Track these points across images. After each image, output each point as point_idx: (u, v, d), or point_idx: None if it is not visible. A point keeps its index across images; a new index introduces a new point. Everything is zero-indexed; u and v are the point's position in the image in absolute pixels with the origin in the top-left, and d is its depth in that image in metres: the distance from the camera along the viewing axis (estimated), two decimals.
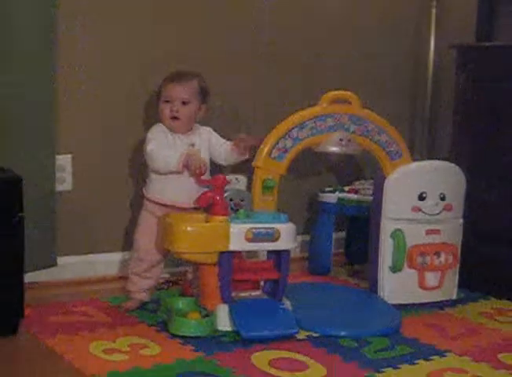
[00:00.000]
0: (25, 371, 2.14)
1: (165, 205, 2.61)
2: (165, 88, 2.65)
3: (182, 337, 2.38)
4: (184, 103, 2.62)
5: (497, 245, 3.02)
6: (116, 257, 3.06)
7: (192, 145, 2.65)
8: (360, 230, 3.26)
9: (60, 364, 2.17)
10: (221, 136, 2.75)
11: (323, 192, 3.31)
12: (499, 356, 2.36)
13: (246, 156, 2.67)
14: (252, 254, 2.71)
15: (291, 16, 3.42)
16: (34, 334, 2.38)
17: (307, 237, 3.36)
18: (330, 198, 3.27)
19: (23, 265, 2.37)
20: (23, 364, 2.19)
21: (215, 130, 2.76)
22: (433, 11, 3.66)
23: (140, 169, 2.86)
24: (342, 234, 3.51)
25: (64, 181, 2.94)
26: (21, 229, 2.34)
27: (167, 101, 2.63)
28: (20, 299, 2.37)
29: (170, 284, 2.93)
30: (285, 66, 3.41)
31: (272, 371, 2.16)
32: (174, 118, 2.62)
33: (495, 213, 3.03)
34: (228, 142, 2.68)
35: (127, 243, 2.98)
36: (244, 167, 2.84)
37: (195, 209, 2.59)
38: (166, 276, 2.98)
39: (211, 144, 2.70)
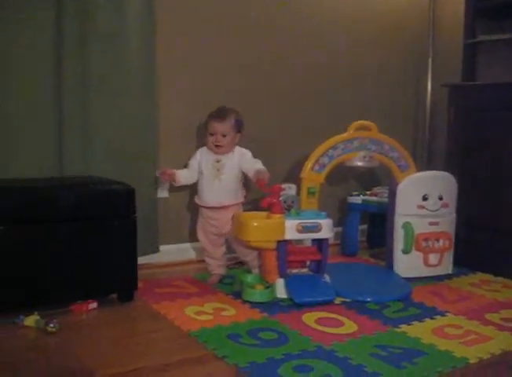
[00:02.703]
0: (139, 327, 2.20)
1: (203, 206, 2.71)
2: (209, 124, 2.67)
3: (251, 302, 2.40)
4: (223, 135, 2.64)
5: (481, 232, 2.98)
6: (199, 245, 3.08)
7: (218, 161, 2.67)
8: (378, 223, 3.25)
9: (164, 323, 2.21)
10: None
11: (351, 195, 3.30)
12: (486, 315, 2.34)
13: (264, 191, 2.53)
14: (299, 241, 2.71)
15: (321, 68, 3.43)
16: (144, 301, 2.42)
17: (339, 229, 3.34)
18: (357, 200, 3.27)
19: (136, 251, 2.41)
20: (138, 322, 2.25)
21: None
22: (430, 60, 3.62)
23: None
24: (365, 226, 3.48)
25: (163, 191, 2.97)
26: (134, 225, 2.38)
27: (211, 134, 2.66)
28: (134, 275, 2.40)
29: (241, 264, 2.95)
30: (322, 103, 3.43)
31: (318, 326, 2.18)
32: (217, 146, 2.65)
33: (478, 209, 3.00)
34: (254, 167, 2.62)
35: None
36: (294, 178, 2.83)
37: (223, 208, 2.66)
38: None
39: (241, 165, 2.67)
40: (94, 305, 2.33)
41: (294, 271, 2.54)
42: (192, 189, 2.89)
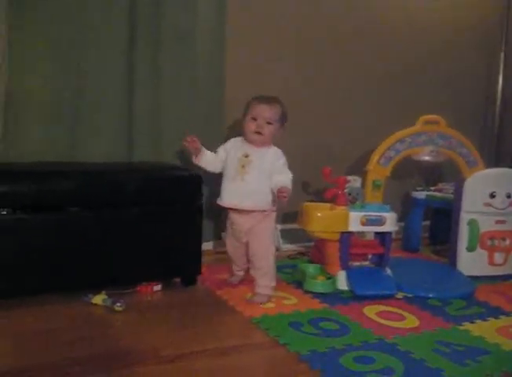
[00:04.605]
0: (202, 311, 2.22)
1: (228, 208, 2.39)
2: (253, 107, 2.32)
3: (312, 293, 2.42)
4: (268, 122, 2.30)
5: None
6: None
7: (246, 156, 2.32)
8: (441, 219, 3.21)
9: (226, 308, 2.25)
10: None
11: (416, 190, 3.28)
12: None
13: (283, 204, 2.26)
14: (361, 234, 2.71)
15: (393, 64, 3.40)
16: (207, 286, 2.48)
17: (401, 224, 3.30)
18: (421, 195, 3.24)
19: (201, 237, 2.45)
20: (201, 306, 2.27)
21: None
22: (502, 54, 3.56)
23: None
24: (428, 222, 3.44)
25: None
26: (200, 212, 2.43)
27: (254, 119, 2.31)
28: (198, 260, 2.45)
29: (301, 255, 2.97)
30: (391, 96, 3.40)
31: (379, 319, 2.18)
32: (258, 133, 2.30)
33: None
34: (280, 177, 2.27)
35: None
36: (360, 170, 2.82)
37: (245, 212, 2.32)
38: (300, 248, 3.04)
39: (271, 167, 2.30)
40: (159, 287, 2.39)
41: (356, 264, 2.54)
42: None
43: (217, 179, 2.41)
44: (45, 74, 2.51)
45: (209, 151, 2.41)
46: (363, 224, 2.43)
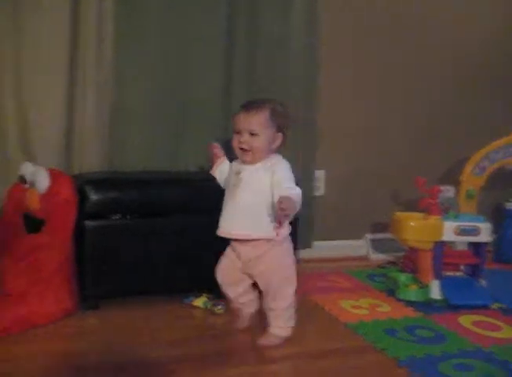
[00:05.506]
0: (299, 316, 2.13)
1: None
2: (236, 118, 1.96)
3: (405, 301, 2.43)
4: (252, 134, 1.91)
5: None
6: (355, 243, 3.17)
7: (238, 174, 1.96)
8: None
9: (322, 313, 2.32)
10: None
11: (508, 201, 3.22)
12: None
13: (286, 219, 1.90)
14: (453, 244, 2.69)
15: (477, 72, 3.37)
16: (303, 293, 2.44)
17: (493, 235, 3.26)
18: None
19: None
20: (298, 311, 2.16)
21: None
22: None
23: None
24: None
25: (319, 189, 3.08)
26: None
27: (238, 132, 1.94)
28: None
29: (391, 264, 2.99)
30: (485, 105, 3.36)
31: (475, 329, 2.18)
32: (243, 149, 1.93)
33: None
34: (282, 191, 1.83)
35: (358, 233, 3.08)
36: (454, 180, 2.82)
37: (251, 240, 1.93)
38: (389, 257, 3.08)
39: (268, 185, 1.89)
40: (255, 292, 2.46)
41: (449, 273, 2.54)
42: (347, 188, 2.98)
43: None
44: (146, 87, 2.67)
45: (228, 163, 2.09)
46: (457, 234, 2.43)
